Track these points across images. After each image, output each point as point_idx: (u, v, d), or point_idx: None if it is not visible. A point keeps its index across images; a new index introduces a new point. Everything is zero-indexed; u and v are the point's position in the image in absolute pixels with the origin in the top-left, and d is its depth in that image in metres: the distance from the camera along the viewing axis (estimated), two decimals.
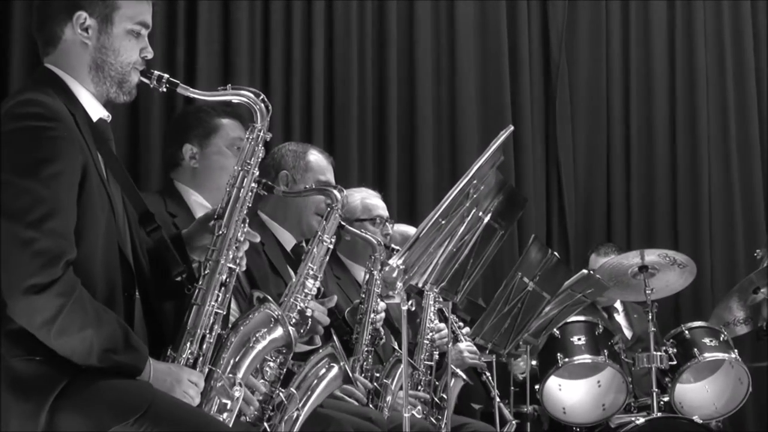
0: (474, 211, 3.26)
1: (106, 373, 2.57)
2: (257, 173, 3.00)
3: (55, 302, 2.50)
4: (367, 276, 4.24)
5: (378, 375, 4.17)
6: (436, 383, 4.61)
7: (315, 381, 3.30)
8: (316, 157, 4.32)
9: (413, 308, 4.32)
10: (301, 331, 3.42)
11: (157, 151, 5.33)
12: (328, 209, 3.62)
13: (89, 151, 2.70)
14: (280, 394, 3.15)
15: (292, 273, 4.00)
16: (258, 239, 3.01)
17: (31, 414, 2.50)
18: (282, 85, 5.93)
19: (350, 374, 3.39)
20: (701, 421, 5.35)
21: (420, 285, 3.22)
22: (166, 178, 3.91)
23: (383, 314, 4.28)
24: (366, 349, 4.14)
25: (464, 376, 4.74)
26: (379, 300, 4.21)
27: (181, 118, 3.98)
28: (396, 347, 4.49)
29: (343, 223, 3.75)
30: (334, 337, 3.43)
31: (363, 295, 4.20)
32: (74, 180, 2.62)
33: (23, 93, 2.70)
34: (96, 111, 2.83)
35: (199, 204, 3.75)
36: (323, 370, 3.33)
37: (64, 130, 2.62)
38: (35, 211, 2.52)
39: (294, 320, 3.38)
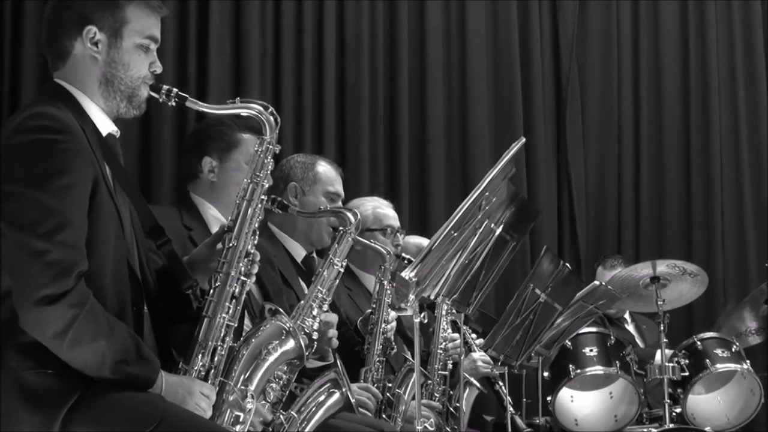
0: (486, 222, 3.26)
1: (118, 385, 2.56)
2: (266, 185, 2.98)
3: (67, 313, 2.49)
4: (378, 286, 4.22)
5: (390, 385, 4.16)
6: (451, 392, 4.59)
7: (316, 406, 3.26)
8: (324, 168, 4.31)
9: (425, 320, 4.31)
10: (306, 353, 3.40)
11: (169, 165, 5.33)
12: (341, 232, 3.59)
13: (98, 164, 2.69)
14: (281, 416, 3.13)
15: (303, 285, 3.99)
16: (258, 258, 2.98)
17: (44, 427, 2.50)
18: (293, 96, 5.93)
19: (352, 401, 3.35)
20: None
21: (432, 297, 3.21)
22: (183, 190, 3.87)
23: (394, 324, 4.26)
24: (378, 359, 4.13)
25: (478, 385, 4.73)
26: (390, 310, 4.19)
27: (201, 131, 3.90)
28: (408, 357, 4.48)
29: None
30: (338, 362, 3.41)
31: (374, 306, 4.18)
32: (85, 192, 2.61)
33: (33, 106, 2.70)
34: (105, 126, 2.82)
35: (215, 218, 3.72)
36: (324, 395, 3.29)
37: (74, 142, 2.62)
38: (46, 223, 2.52)
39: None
